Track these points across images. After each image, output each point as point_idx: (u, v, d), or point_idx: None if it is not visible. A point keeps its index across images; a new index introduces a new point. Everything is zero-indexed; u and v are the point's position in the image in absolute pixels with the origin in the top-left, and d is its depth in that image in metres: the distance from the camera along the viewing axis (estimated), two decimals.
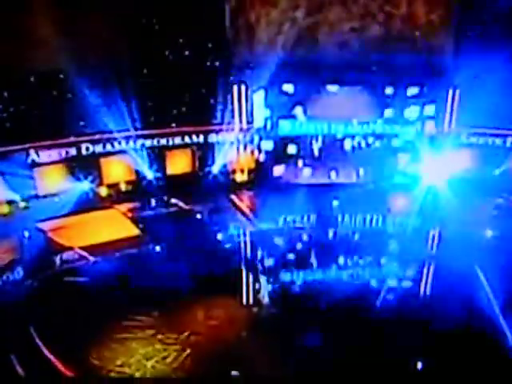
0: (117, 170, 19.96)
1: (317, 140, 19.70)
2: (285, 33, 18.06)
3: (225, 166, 20.44)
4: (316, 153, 19.82)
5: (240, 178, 20.53)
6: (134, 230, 16.79)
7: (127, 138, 19.68)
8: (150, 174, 20.00)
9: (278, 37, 18.18)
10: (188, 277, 13.63)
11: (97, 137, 19.21)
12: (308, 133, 19.70)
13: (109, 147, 19.57)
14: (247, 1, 18.39)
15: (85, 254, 15.11)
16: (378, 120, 19.31)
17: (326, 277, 14.03)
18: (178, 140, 20.29)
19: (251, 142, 19.98)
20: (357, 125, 19.48)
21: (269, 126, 19.59)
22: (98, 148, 19.38)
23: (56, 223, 16.87)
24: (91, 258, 14.88)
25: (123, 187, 19.85)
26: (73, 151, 19.03)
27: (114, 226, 17.14)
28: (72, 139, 18.87)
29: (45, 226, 16.71)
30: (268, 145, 19.81)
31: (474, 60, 16.87)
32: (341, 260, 14.79)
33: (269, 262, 15.01)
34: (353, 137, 19.66)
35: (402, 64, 17.53)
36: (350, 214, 18.04)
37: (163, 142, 20.27)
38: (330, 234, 17.02)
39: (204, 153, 20.52)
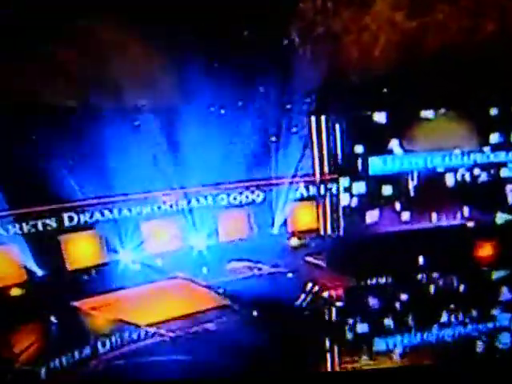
0: (161, 236, 16.42)
1: (413, 177, 16.63)
2: (379, 43, 15.41)
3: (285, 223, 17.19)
4: (414, 192, 16.67)
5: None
6: (214, 300, 13.85)
7: (174, 199, 16.49)
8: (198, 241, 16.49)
9: (371, 49, 15.49)
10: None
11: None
12: (404, 169, 16.60)
13: (149, 209, 16.38)
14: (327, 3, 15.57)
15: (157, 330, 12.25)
16: (484, 147, 16.58)
17: (429, 338, 11.75)
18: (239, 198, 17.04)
19: (337, 187, 16.54)
20: (459, 155, 16.67)
21: (359, 166, 16.35)
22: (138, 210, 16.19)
23: (99, 300, 13.93)
24: (169, 334, 12.04)
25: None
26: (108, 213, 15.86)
27: (185, 297, 14.30)
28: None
29: (85, 304, 13.80)
30: (360, 187, 16.44)
31: None
32: (444, 317, 12.50)
33: (363, 326, 12.70)
34: (455, 170, 16.72)
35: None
36: (454, 262, 15.20)
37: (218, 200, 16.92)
38: (431, 287, 14.77)
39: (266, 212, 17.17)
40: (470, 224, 16.78)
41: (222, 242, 16.78)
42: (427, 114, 16.43)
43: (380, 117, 16.25)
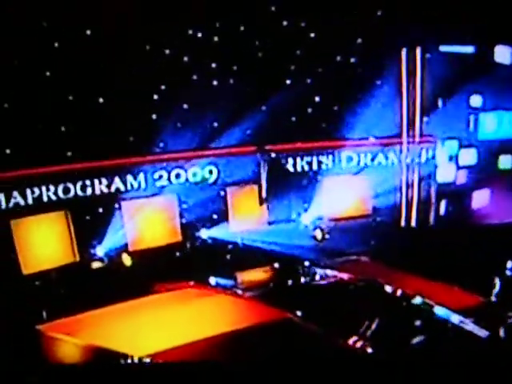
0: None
1: None
2: None
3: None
4: None
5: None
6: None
7: None
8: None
9: None
10: None
11: None
12: None
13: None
14: None
15: None
16: None
17: None
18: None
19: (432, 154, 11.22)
20: None
21: (471, 126, 11.09)
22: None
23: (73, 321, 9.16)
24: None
25: None
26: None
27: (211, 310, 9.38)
28: None
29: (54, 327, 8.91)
30: (469, 156, 11.18)
31: None
32: None
33: None
34: None
35: None
36: None
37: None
38: None
39: None
40: None
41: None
42: None
43: (503, 54, 10.90)
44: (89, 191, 10.73)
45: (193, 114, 10.90)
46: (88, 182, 10.74)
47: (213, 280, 10.86)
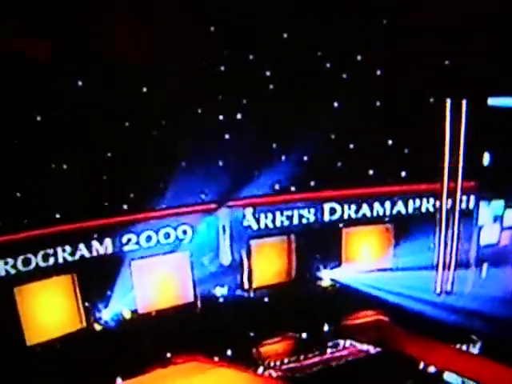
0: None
1: None
2: None
3: None
4: None
5: None
6: None
7: None
8: None
9: None
10: None
11: None
12: None
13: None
14: None
15: None
16: None
17: None
18: None
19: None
20: None
21: None
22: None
23: None
24: None
25: None
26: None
27: None
28: None
29: None
30: None
31: None
32: None
33: None
34: None
35: None
36: None
37: None
38: None
39: None
40: None
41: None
42: None
43: None
44: (95, 252, 9.67)
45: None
46: (95, 243, 9.69)
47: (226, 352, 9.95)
